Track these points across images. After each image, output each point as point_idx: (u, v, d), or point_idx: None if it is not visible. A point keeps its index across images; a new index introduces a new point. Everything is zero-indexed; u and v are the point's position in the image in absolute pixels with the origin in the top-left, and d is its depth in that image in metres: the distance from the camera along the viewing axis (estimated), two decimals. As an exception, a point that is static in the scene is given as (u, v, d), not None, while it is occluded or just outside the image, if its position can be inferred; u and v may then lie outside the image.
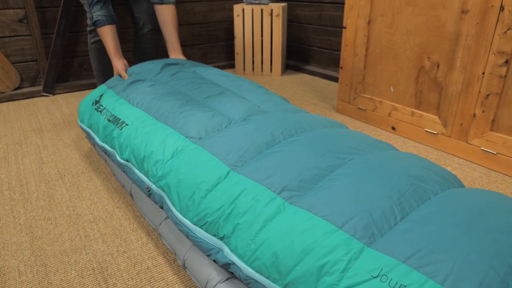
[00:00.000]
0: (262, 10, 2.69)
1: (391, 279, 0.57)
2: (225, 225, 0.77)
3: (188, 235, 0.85)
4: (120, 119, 1.19)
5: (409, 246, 0.61)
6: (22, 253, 1.03)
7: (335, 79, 2.74)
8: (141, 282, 0.93)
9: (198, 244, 0.83)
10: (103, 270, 0.97)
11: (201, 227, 0.82)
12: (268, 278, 0.68)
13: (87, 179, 1.41)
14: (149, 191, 1.01)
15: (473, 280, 0.55)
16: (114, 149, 1.17)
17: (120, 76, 1.53)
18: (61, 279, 0.94)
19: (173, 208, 0.89)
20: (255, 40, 2.80)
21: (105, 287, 0.91)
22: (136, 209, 1.21)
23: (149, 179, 0.99)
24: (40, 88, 2.45)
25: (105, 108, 1.31)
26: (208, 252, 0.81)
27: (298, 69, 3.03)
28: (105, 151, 1.24)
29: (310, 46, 2.97)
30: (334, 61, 2.81)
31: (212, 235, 0.80)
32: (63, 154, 1.61)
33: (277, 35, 2.74)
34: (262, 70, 2.90)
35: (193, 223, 0.84)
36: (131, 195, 1.13)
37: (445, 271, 0.56)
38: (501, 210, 0.69)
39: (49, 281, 0.94)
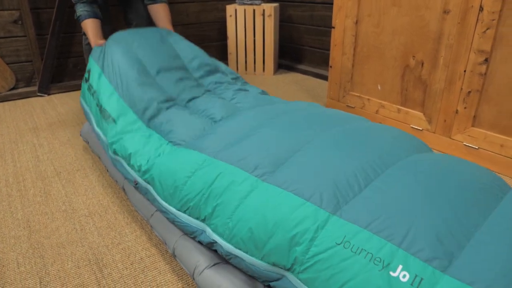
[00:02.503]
0: (254, 10, 2.74)
1: (353, 245, 0.63)
2: (205, 208, 0.83)
3: (174, 221, 0.91)
4: (106, 111, 1.25)
5: (370, 212, 0.66)
6: (20, 246, 1.08)
7: (326, 78, 2.79)
8: (135, 271, 0.97)
9: (183, 228, 0.89)
10: (99, 261, 1.01)
11: (184, 212, 0.87)
12: (246, 252, 0.75)
13: (83, 175, 1.45)
14: (136, 184, 1.06)
15: (428, 237, 0.61)
16: (106, 137, 1.23)
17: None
18: (58, 270, 0.98)
19: (158, 198, 0.95)
20: (247, 40, 2.85)
21: (100, 276, 0.96)
22: (130, 204, 1.26)
23: (136, 173, 1.05)
24: (35, 88, 2.48)
25: (93, 89, 1.37)
26: (193, 234, 0.86)
27: (290, 69, 3.08)
28: (99, 138, 1.29)
29: (302, 45, 3.02)
30: (325, 60, 2.87)
31: (195, 218, 0.85)
32: (59, 152, 1.65)
33: (270, 35, 2.79)
34: (255, 70, 2.95)
35: (177, 209, 0.90)
36: (124, 190, 1.18)
37: (402, 233, 0.62)
38: (458, 173, 0.75)
39: (47, 271, 0.98)
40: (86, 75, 1.46)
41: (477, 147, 1.50)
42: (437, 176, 0.74)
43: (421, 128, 1.69)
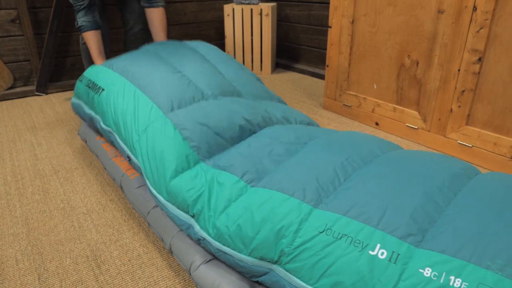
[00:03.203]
0: (252, 10, 2.75)
1: (334, 231, 0.68)
2: (194, 206, 0.86)
3: (162, 209, 0.94)
4: (97, 85, 1.28)
5: (348, 201, 0.72)
6: (19, 243, 1.09)
7: (323, 77, 2.80)
8: (133, 267, 0.99)
9: (171, 218, 0.92)
10: (97, 257, 1.02)
11: (173, 204, 0.90)
12: (234, 249, 0.78)
13: (81, 174, 1.46)
14: (129, 159, 1.08)
15: (403, 216, 0.66)
16: (97, 114, 1.26)
17: None
18: (56, 266, 1.00)
19: (147, 182, 0.98)
20: (245, 39, 2.86)
21: (98, 272, 0.97)
22: (128, 202, 1.27)
23: (128, 148, 1.07)
24: (33, 87, 2.49)
25: (85, 77, 1.41)
26: (180, 227, 0.90)
27: (287, 68, 3.10)
28: (91, 119, 1.32)
29: (299, 45, 3.03)
30: (322, 60, 2.88)
31: (184, 212, 0.88)
32: (57, 151, 1.66)
33: (267, 35, 2.81)
34: (252, 69, 2.96)
35: (166, 200, 0.92)
36: (121, 187, 1.19)
37: (378, 215, 0.68)
38: (431, 162, 0.82)
39: (45, 268, 0.99)
40: (80, 78, 1.49)
41: (471, 146, 1.52)
42: (411, 165, 0.80)
43: (416, 127, 1.71)
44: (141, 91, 1.17)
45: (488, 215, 0.65)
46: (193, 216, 0.86)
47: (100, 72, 1.35)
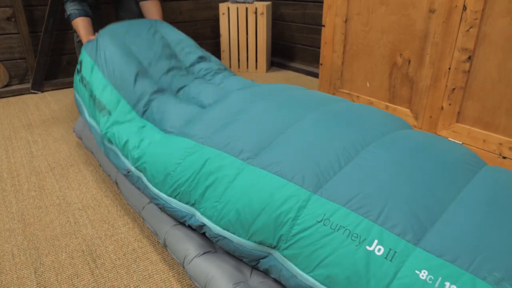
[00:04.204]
0: (247, 8, 2.77)
1: (333, 222, 0.67)
2: (195, 192, 0.87)
3: (164, 207, 0.95)
4: (102, 103, 1.28)
5: (349, 190, 0.71)
6: (15, 238, 1.10)
7: (318, 75, 2.83)
8: (127, 261, 1.00)
9: (173, 214, 0.93)
10: (92, 252, 1.04)
11: (174, 197, 0.91)
12: (234, 233, 0.79)
13: (76, 171, 1.48)
14: (128, 172, 1.10)
15: (403, 212, 0.65)
16: (99, 127, 1.27)
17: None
18: (52, 261, 1.01)
19: (149, 185, 0.99)
20: (240, 38, 2.88)
21: (93, 266, 0.99)
22: (123, 198, 1.29)
23: (129, 161, 1.09)
24: (28, 85, 2.49)
25: (85, 80, 1.40)
26: (182, 219, 0.91)
27: (282, 66, 3.12)
28: (91, 128, 1.33)
29: (294, 43, 3.05)
30: (317, 58, 2.90)
31: (185, 203, 0.90)
32: (53, 148, 1.68)
33: (262, 33, 2.82)
34: (247, 67, 2.98)
35: (168, 195, 0.94)
36: (117, 183, 1.21)
37: (378, 209, 0.66)
38: (434, 148, 0.80)
39: (41, 262, 1.01)
40: (78, 66, 1.49)
41: (461, 143, 1.55)
42: (414, 152, 0.78)
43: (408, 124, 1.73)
44: (149, 122, 1.23)
45: (491, 220, 0.63)
46: (193, 205, 0.88)
47: (103, 87, 1.34)
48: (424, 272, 0.58)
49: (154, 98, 1.26)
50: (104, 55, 1.37)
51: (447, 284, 0.56)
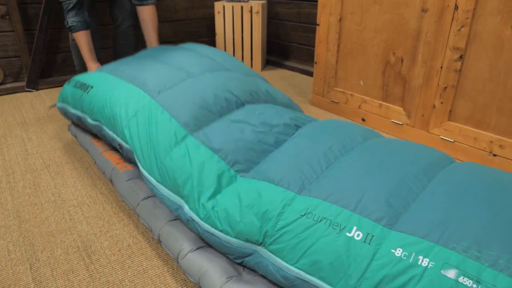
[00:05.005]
0: (242, 7, 2.78)
1: (315, 214, 0.73)
2: (184, 187, 0.88)
3: (153, 190, 0.97)
4: (85, 84, 1.31)
5: (329, 188, 0.76)
6: (10, 234, 1.11)
7: (313, 74, 2.84)
8: (122, 257, 1.01)
9: (162, 200, 0.96)
10: (87, 248, 1.05)
11: (164, 185, 0.94)
12: (221, 231, 0.81)
13: (71, 168, 1.48)
14: (120, 147, 1.11)
15: (379, 201, 0.71)
16: (84, 113, 1.27)
17: None
18: (48, 256, 1.02)
19: (139, 165, 1.02)
20: (235, 36, 2.88)
21: (89, 262, 1.00)
22: (118, 195, 1.30)
23: (118, 136, 1.10)
24: (23, 83, 2.49)
25: (74, 79, 1.43)
26: (170, 207, 0.93)
27: (278, 65, 3.13)
28: (79, 118, 1.34)
29: (289, 42, 3.07)
30: (312, 57, 2.92)
31: (174, 193, 0.92)
32: (48, 145, 1.68)
33: (257, 32, 2.83)
34: (242, 66, 2.99)
35: (157, 181, 0.96)
36: (111, 181, 1.22)
37: (355, 200, 0.72)
38: (408, 149, 0.87)
39: (37, 258, 1.02)
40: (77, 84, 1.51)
41: (452, 141, 1.57)
42: (389, 152, 0.85)
43: (401, 123, 1.75)
44: (130, 83, 1.20)
45: (457, 201, 0.70)
46: (183, 197, 0.90)
47: (90, 74, 1.37)
48: (399, 250, 0.64)
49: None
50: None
51: (420, 257, 0.62)
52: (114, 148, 1.29)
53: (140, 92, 1.14)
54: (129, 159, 1.16)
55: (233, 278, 0.80)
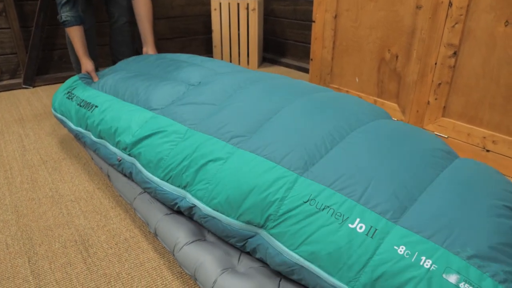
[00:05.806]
0: (238, 4, 2.79)
1: (318, 202, 0.71)
2: (186, 175, 0.91)
3: (156, 190, 0.98)
4: (90, 103, 1.31)
5: (334, 172, 0.75)
6: (8, 229, 1.12)
7: (308, 71, 2.85)
8: (119, 250, 1.03)
9: (164, 197, 0.97)
10: (85, 242, 1.06)
11: (167, 181, 0.95)
12: (223, 213, 0.82)
13: (69, 164, 1.49)
14: (120, 161, 1.12)
15: (385, 192, 0.69)
16: (88, 130, 1.28)
17: (90, 75, 1.61)
18: (46, 250, 1.03)
19: (143, 170, 1.02)
20: (232, 33, 2.89)
21: (86, 255, 1.01)
22: (115, 190, 1.31)
23: (121, 150, 1.11)
24: (20, 80, 2.49)
25: (75, 95, 1.42)
26: (173, 201, 0.95)
27: (274, 62, 3.14)
28: (80, 135, 1.34)
29: (286, 39, 3.08)
30: (308, 54, 2.93)
31: (177, 186, 0.94)
32: (45, 142, 1.69)
33: (253, 29, 2.84)
34: (239, 63, 3.00)
35: (160, 179, 0.97)
36: (108, 176, 1.23)
37: (361, 190, 0.71)
38: (415, 137, 0.85)
39: (35, 251, 1.03)
40: (68, 89, 1.50)
41: (446, 136, 1.59)
42: (396, 138, 0.82)
43: (396, 119, 1.77)
44: (134, 104, 1.21)
45: (467, 201, 0.68)
46: (185, 187, 0.92)
47: (94, 94, 1.36)
48: (402, 248, 0.63)
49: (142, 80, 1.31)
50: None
51: (423, 258, 0.60)
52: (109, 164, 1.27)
53: (144, 110, 1.17)
54: (124, 174, 1.16)
55: (228, 270, 0.81)
